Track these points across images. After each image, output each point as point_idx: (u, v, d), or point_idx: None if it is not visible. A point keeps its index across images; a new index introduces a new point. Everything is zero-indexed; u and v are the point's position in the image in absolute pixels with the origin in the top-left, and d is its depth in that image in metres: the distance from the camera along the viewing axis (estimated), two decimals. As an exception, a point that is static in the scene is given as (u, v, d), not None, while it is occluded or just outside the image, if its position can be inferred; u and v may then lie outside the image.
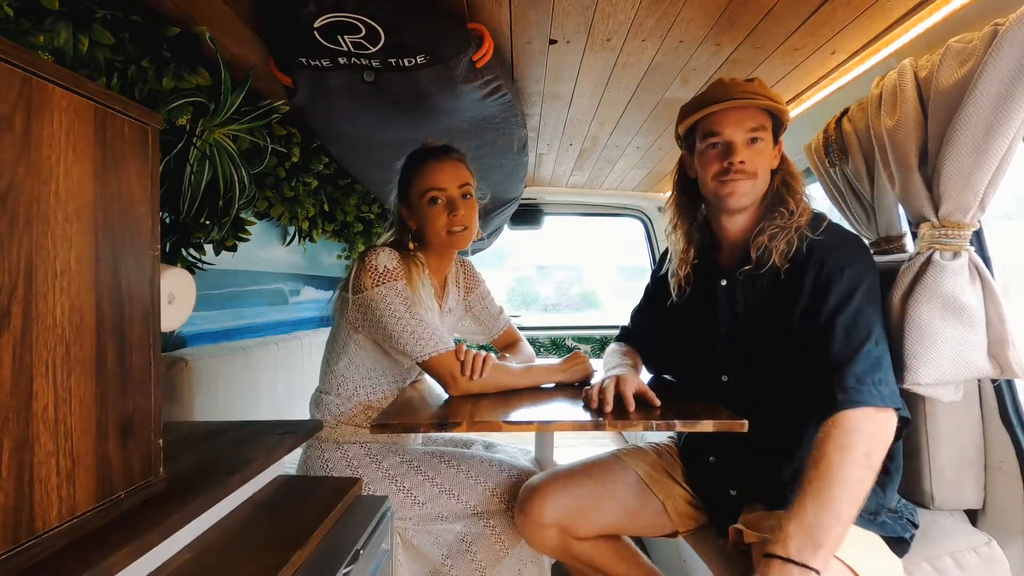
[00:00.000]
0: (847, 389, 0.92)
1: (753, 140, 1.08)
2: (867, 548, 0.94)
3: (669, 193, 1.29)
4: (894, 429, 0.93)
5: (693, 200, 1.24)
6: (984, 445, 1.20)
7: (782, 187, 1.12)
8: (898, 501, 1.08)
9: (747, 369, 1.12)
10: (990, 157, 0.99)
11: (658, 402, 1.08)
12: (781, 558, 0.83)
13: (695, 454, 1.25)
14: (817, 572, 0.81)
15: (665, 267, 1.32)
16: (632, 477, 1.22)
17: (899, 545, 1.01)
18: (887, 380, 0.95)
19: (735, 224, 1.15)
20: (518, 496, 1.22)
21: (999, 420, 1.18)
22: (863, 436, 0.89)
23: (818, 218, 1.09)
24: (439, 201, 1.30)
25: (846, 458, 0.87)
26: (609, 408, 1.05)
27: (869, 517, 1.00)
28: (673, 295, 1.27)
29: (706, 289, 1.20)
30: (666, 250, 1.34)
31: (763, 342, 1.09)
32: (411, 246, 1.37)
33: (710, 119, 1.10)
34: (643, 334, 1.42)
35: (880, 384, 0.93)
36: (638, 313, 1.46)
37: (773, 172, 1.13)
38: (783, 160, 1.15)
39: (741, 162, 1.06)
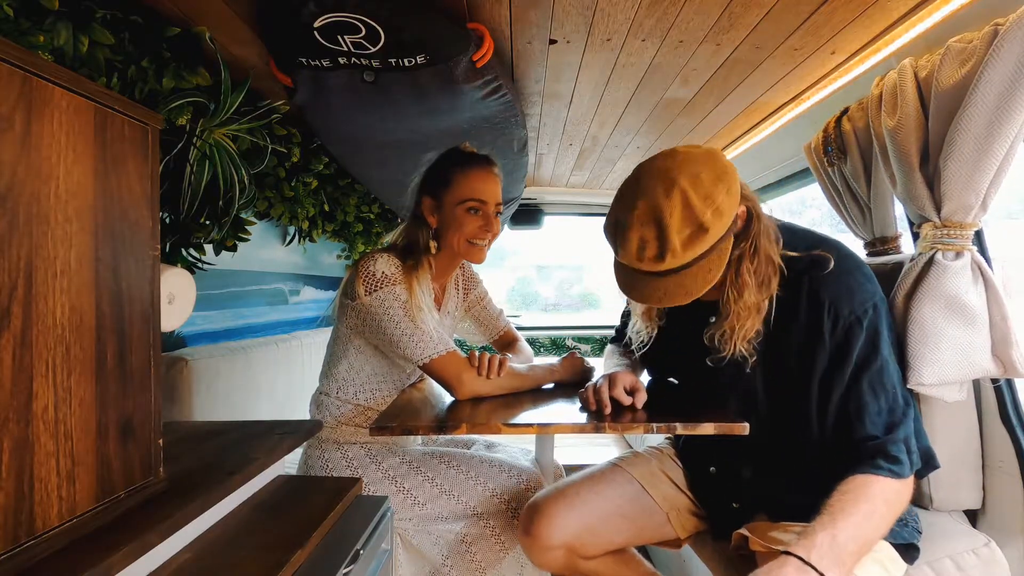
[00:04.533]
0: (890, 458, 0.91)
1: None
2: (875, 557, 0.93)
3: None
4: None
5: None
6: (982, 445, 1.20)
7: (738, 263, 0.97)
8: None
9: (758, 413, 1.07)
10: (992, 157, 1.00)
11: (639, 404, 1.07)
12: (804, 560, 0.81)
13: (695, 461, 1.24)
14: None
15: None
16: (636, 489, 1.20)
17: (908, 551, 1.00)
18: (917, 443, 0.97)
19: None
20: (521, 516, 1.19)
21: (998, 420, 1.18)
22: (899, 502, 0.91)
23: (818, 258, 0.98)
24: (478, 212, 1.29)
25: (884, 518, 0.89)
26: (608, 410, 1.05)
27: None
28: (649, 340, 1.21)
29: (684, 333, 1.12)
30: None
31: (778, 391, 1.04)
32: (432, 246, 1.31)
33: None
34: (633, 341, 1.36)
35: (913, 453, 0.94)
36: (628, 320, 1.42)
37: (737, 236, 0.97)
38: (747, 227, 0.98)
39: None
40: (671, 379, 1.37)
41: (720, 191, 0.90)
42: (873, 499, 0.88)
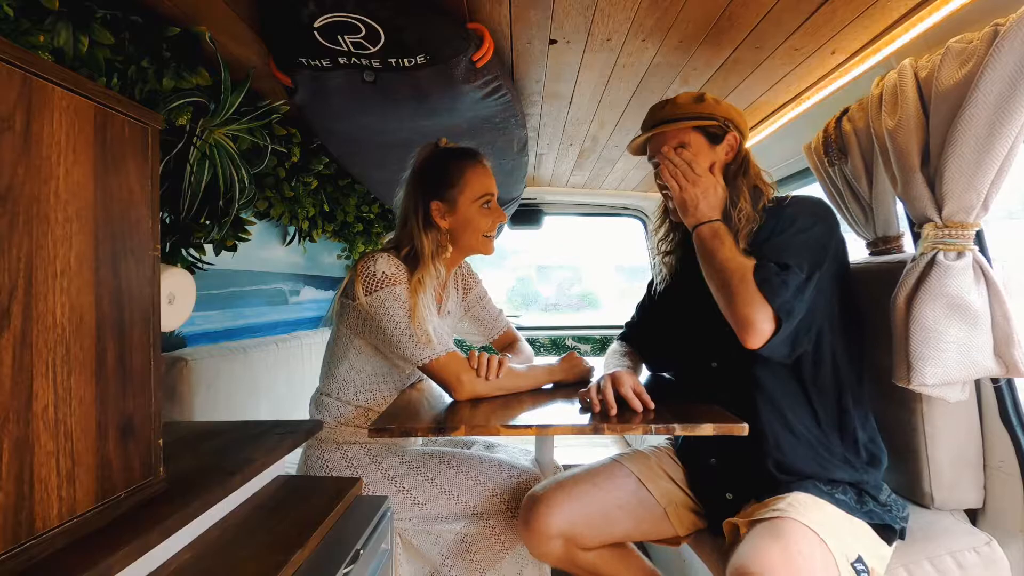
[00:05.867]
0: (762, 278, 1.00)
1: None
2: (854, 534, 0.96)
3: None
4: (762, 327, 0.99)
5: None
6: (983, 445, 1.20)
7: (735, 181, 1.18)
8: (888, 495, 1.09)
9: (736, 352, 1.08)
10: (993, 157, 0.99)
11: (639, 407, 1.06)
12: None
13: (694, 456, 1.25)
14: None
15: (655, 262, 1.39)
16: (635, 483, 1.21)
17: (887, 532, 1.02)
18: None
19: None
20: (521, 507, 1.19)
21: (999, 420, 1.18)
22: (741, 285, 1.01)
23: (782, 197, 1.17)
24: (489, 205, 1.33)
25: (728, 265, 1.04)
26: (614, 411, 1.05)
27: (856, 505, 1.02)
28: (656, 282, 1.37)
29: (690, 277, 1.21)
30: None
31: None
32: (449, 248, 1.31)
33: (646, 146, 1.27)
34: (644, 328, 1.44)
35: (791, 317, 1.00)
36: (641, 307, 1.49)
37: (727, 166, 1.21)
38: (737, 156, 1.22)
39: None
40: (671, 367, 1.41)
41: (724, 101, 1.21)
42: (743, 266, 1.02)
